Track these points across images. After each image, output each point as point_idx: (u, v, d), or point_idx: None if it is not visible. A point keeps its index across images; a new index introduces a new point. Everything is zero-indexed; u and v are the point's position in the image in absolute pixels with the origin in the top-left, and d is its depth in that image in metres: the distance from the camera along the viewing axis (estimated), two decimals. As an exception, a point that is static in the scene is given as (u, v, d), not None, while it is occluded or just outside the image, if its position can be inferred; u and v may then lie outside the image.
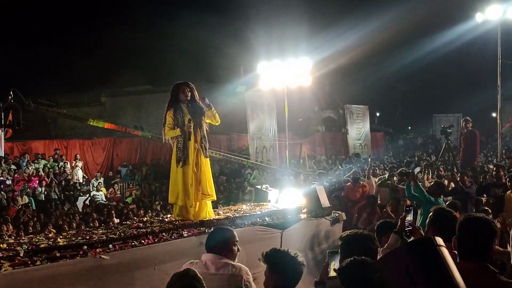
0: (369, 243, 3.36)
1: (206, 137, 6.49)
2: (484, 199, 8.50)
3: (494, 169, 9.75)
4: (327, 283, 3.66)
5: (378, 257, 3.32)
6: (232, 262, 3.94)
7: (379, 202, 10.49)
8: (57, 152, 19.43)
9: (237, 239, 4.16)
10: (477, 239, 2.84)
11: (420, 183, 10.55)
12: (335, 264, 3.59)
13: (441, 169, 11.32)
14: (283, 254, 3.39)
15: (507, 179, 8.36)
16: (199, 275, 3.16)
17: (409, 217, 4.19)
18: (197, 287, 3.07)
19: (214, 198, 6.56)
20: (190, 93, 6.40)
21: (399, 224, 4.26)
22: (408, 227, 4.18)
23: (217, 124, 6.60)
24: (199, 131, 6.40)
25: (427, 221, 3.97)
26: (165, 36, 35.59)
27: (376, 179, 11.91)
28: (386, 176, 11.57)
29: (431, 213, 4.02)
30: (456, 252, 2.87)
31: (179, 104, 6.35)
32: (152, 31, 35.70)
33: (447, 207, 8.24)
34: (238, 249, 4.09)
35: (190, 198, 6.25)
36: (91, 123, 18.56)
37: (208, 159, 6.50)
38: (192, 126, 6.27)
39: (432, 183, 8.74)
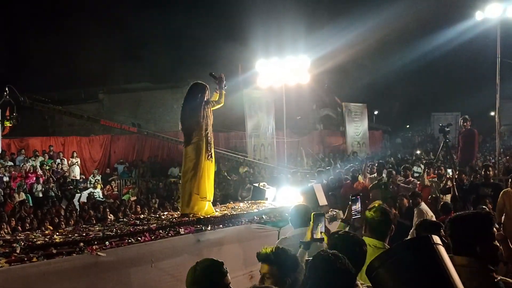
0: (357, 248, 3.31)
1: None
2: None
3: (483, 169, 9.76)
4: (313, 245, 3.83)
5: None
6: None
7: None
8: (51, 148, 19.36)
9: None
10: (464, 236, 2.82)
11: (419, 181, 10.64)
12: (321, 226, 3.71)
13: (442, 168, 11.29)
14: (283, 251, 3.39)
15: (510, 180, 8.34)
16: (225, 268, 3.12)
17: (356, 206, 4.37)
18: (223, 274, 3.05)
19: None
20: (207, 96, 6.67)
21: (346, 212, 4.41)
22: (355, 215, 4.36)
23: (220, 105, 6.79)
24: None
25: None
26: (163, 33, 35.58)
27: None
28: (376, 175, 11.63)
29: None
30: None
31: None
32: (150, 29, 35.62)
33: (441, 207, 8.28)
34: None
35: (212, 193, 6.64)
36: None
37: None
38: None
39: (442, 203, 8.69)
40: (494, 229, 2.89)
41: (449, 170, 9.96)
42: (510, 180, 8.36)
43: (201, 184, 6.41)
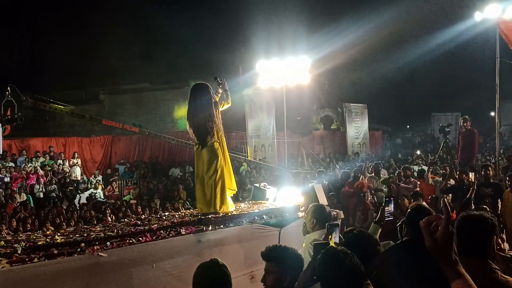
0: (370, 247, 3.33)
1: None
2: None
3: (483, 169, 9.74)
4: None
5: None
6: None
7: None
8: (51, 149, 19.37)
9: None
10: (473, 237, 2.85)
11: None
12: (334, 236, 3.64)
13: (447, 168, 11.29)
14: (284, 249, 3.42)
15: (508, 178, 8.37)
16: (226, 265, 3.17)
17: (389, 208, 4.28)
18: (226, 274, 3.08)
19: None
20: None
21: (379, 214, 4.35)
22: (388, 217, 4.28)
23: (229, 105, 6.91)
24: None
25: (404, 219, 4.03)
26: (163, 34, 35.59)
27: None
28: (373, 174, 11.73)
29: (408, 211, 4.09)
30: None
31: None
32: (150, 30, 35.68)
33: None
34: None
35: None
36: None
37: None
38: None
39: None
40: None
41: (471, 174, 9.53)
42: (507, 179, 8.39)
43: (233, 179, 6.85)
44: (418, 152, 24.32)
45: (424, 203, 8.59)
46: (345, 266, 2.70)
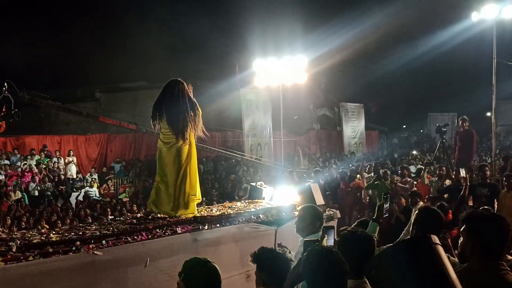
0: (366, 244, 3.32)
1: None
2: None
3: (479, 169, 9.76)
4: None
5: None
6: None
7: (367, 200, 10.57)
8: (45, 147, 19.29)
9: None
10: (492, 237, 2.76)
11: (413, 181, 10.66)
12: (326, 239, 3.63)
13: (444, 168, 11.29)
14: (270, 252, 3.41)
15: (504, 178, 8.40)
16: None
17: (387, 205, 4.33)
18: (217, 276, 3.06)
19: None
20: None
21: (377, 211, 4.35)
22: (385, 214, 4.31)
23: None
24: None
25: (412, 220, 4.03)
26: (160, 33, 35.51)
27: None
28: (372, 174, 11.74)
29: (416, 212, 4.09)
30: (467, 253, 2.82)
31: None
32: (147, 28, 35.57)
33: (438, 208, 8.28)
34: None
35: None
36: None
37: None
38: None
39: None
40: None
41: (462, 170, 9.62)
42: (505, 180, 8.41)
43: (194, 184, 6.39)
44: (415, 152, 24.36)
45: (421, 203, 8.61)
46: (328, 264, 2.71)
